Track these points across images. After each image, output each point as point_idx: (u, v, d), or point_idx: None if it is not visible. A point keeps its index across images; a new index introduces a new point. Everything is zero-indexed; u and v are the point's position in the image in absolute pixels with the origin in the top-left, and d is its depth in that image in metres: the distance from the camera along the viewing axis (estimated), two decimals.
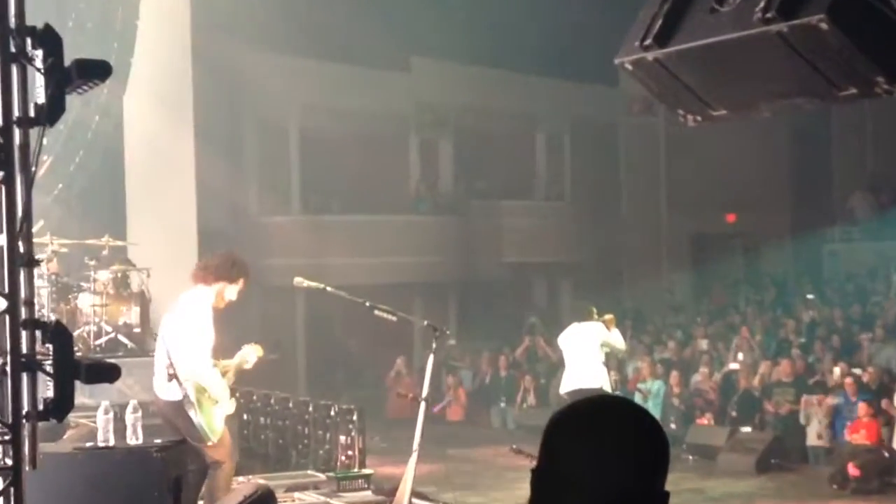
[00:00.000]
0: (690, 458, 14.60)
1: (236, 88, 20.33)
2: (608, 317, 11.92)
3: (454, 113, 23.46)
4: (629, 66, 5.66)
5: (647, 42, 5.47)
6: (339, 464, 11.03)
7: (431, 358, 8.18)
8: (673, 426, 15.28)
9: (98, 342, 11.94)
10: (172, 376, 7.41)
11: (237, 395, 8.06)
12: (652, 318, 21.92)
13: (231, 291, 7.77)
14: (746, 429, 14.95)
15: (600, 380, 11.40)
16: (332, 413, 11.58)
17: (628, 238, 24.83)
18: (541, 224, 23.58)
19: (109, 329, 12.12)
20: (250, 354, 7.96)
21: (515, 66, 22.59)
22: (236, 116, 20.84)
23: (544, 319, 21.76)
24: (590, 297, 14.95)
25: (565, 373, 11.77)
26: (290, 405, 12.54)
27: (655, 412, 14.24)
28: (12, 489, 4.77)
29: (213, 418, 7.47)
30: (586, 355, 11.48)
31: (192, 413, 7.35)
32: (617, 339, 11.93)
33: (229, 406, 7.66)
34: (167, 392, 7.48)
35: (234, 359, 7.87)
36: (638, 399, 15.38)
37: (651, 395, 15.82)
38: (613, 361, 13.84)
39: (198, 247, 16.62)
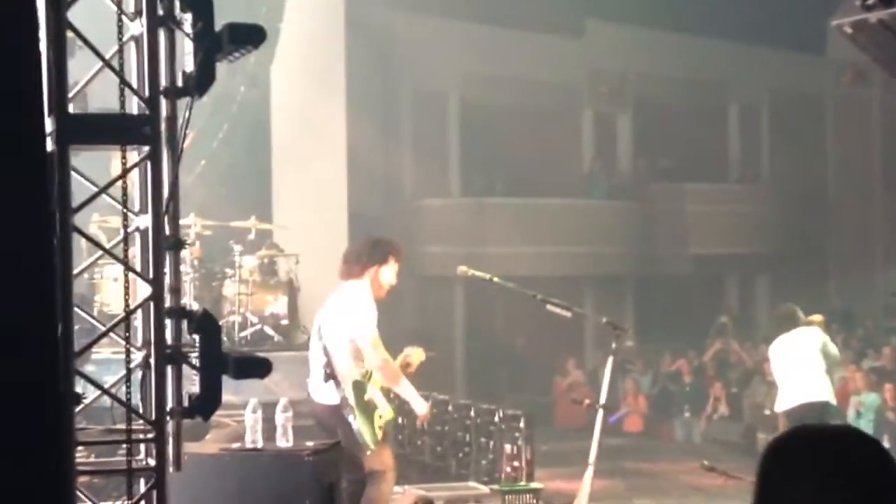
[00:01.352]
0: None
1: (391, 56, 20.53)
2: (816, 318, 11.53)
3: (633, 83, 23.20)
4: (848, 29, 5.50)
5: (871, 1, 5.31)
6: (503, 475, 11.02)
7: (611, 360, 8.11)
8: (887, 444, 14.81)
9: (243, 334, 12.22)
10: (330, 376, 7.53)
11: (391, 394, 8.14)
12: (862, 320, 21.28)
13: (386, 274, 7.85)
14: None
15: (825, 393, 10.95)
16: (496, 419, 11.58)
17: (836, 227, 24.17)
18: (733, 210, 23.15)
19: (255, 320, 12.38)
20: (414, 357, 8.02)
21: (703, 29, 22.20)
22: (391, 88, 21.04)
23: (736, 320, 21.36)
24: (790, 296, 14.54)
25: (782, 388, 11.35)
26: (450, 408, 12.60)
27: (868, 429, 13.79)
28: (155, 492, 4.89)
29: (374, 424, 7.57)
30: (807, 366, 11.02)
31: (350, 418, 7.45)
32: (833, 346, 11.54)
33: (388, 411, 7.75)
34: (324, 394, 7.61)
35: (396, 360, 7.94)
36: (851, 415, 14.97)
37: (864, 409, 15.35)
38: None
39: (348, 231, 16.86)
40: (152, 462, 4.90)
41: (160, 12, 4.88)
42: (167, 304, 4.93)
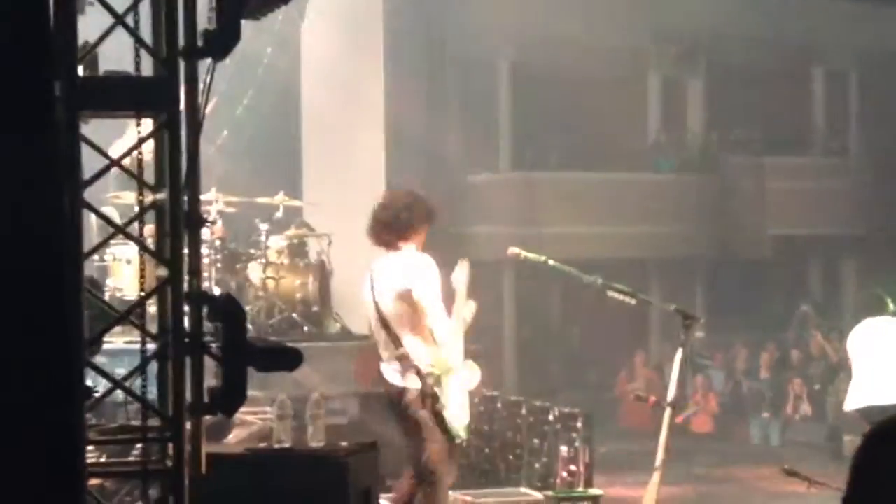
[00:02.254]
0: None
1: (434, 15, 20.49)
2: None
3: (705, 44, 23.05)
4: None
5: None
6: (559, 481, 11.03)
7: (680, 353, 8.07)
8: None
9: (269, 322, 12.27)
10: (408, 365, 7.63)
11: None
12: None
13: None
14: None
15: None
16: (551, 418, 11.58)
17: None
18: (817, 186, 22.97)
19: (283, 306, 12.43)
20: (465, 311, 8.12)
21: None
22: (435, 49, 20.99)
23: (820, 308, 21.22)
24: (880, 282, 14.44)
25: (854, 383, 11.26)
26: (499, 406, 12.60)
27: None
28: (172, 496, 4.90)
29: (463, 411, 7.69)
30: (887, 360, 10.91)
31: (438, 407, 7.57)
32: None
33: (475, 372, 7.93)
34: (401, 378, 7.72)
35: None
36: None
37: None
38: None
39: None
40: (169, 463, 4.91)
41: None
42: (186, 287, 4.93)
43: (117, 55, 5.08)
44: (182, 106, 4.90)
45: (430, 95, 20.33)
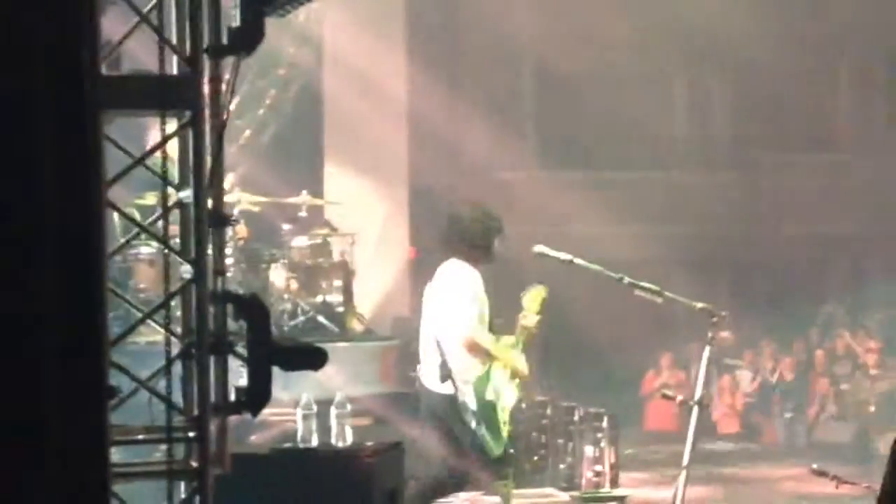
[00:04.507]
0: None
1: (458, 9, 20.48)
2: None
3: (731, 41, 22.96)
4: None
5: None
6: (584, 481, 11.02)
7: (707, 351, 8.06)
8: None
9: (293, 323, 12.28)
10: (447, 377, 7.64)
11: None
12: None
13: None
14: None
15: None
16: (576, 418, 11.58)
17: None
18: (845, 185, 22.86)
19: (307, 307, 12.44)
20: (531, 303, 8.21)
21: None
22: (458, 45, 20.99)
23: (848, 308, 21.11)
24: None
25: None
26: (523, 406, 12.58)
27: None
28: (198, 497, 4.91)
29: (500, 425, 7.69)
30: None
31: (473, 424, 7.56)
32: None
33: (512, 397, 7.92)
34: (438, 384, 7.73)
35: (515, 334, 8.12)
36: None
37: None
38: None
39: (409, 208, 16.87)
40: (195, 463, 4.92)
41: None
42: (210, 287, 4.94)
43: (137, 54, 5.09)
44: (206, 105, 4.91)
45: (453, 92, 20.31)
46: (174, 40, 4.90)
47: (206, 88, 4.90)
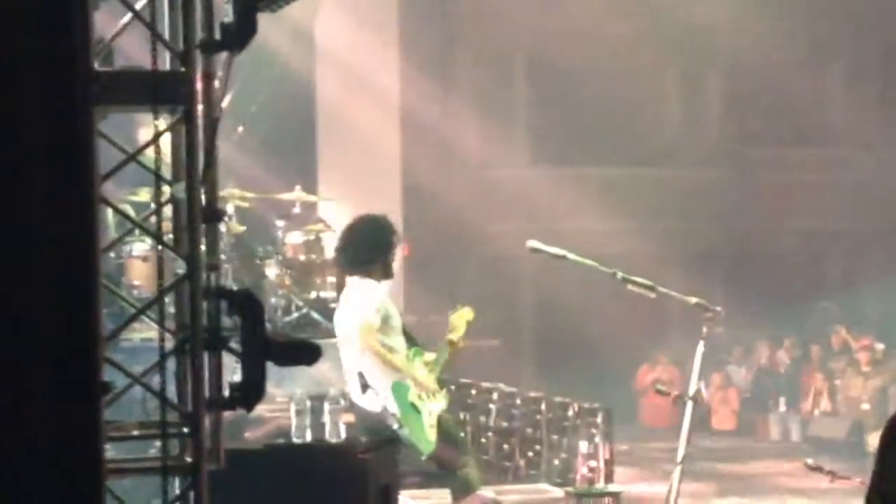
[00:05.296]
0: None
1: (451, 5, 20.48)
2: None
3: (725, 36, 22.99)
4: None
5: None
6: (578, 477, 11.01)
7: (701, 346, 8.05)
8: None
9: (287, 319, 12.30)
10: (366, 386, 7.70)
11: (451, 387, 8.27)
12: None
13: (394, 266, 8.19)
14: None
15: None
16: (571, 413, 11.59)
17: None
18: (840, 180, 22.90)
19: (301, 303, 12.45)
20: (456, 319, 8.22)
21: None
22: (451, 41, 20.99)
23: (842, 304, 21.15)
24: None
25: None
26: (517, 402, 12.61)
27: None
28: (192, 493, 4.92)
29: (425, 427, 7.72)
30: None
31: (396, 428, 7.62)
32: None
33: (440, 401, 7.92)
34: (365, 400, 7.79)
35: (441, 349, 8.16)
36: None
37: None
38: None
39: (402, 205, 16.88)
40: (189, 459, 4.93)
41: None
42: (204, 283, 4.94)
43: (128, 50, 5.10)
44: (199, 101, 4.92)
45: (446, 88, 20.32)
46: (167, 36, 4.91)
47: (198, 84, 4.91)
